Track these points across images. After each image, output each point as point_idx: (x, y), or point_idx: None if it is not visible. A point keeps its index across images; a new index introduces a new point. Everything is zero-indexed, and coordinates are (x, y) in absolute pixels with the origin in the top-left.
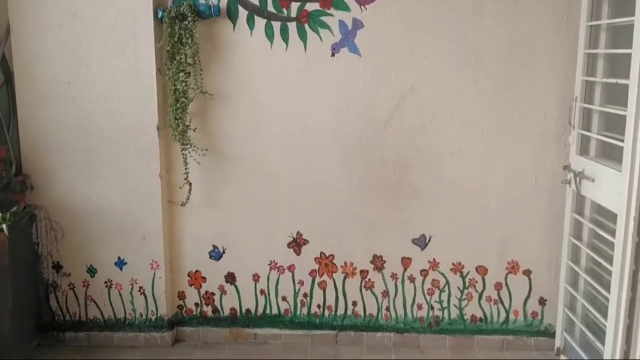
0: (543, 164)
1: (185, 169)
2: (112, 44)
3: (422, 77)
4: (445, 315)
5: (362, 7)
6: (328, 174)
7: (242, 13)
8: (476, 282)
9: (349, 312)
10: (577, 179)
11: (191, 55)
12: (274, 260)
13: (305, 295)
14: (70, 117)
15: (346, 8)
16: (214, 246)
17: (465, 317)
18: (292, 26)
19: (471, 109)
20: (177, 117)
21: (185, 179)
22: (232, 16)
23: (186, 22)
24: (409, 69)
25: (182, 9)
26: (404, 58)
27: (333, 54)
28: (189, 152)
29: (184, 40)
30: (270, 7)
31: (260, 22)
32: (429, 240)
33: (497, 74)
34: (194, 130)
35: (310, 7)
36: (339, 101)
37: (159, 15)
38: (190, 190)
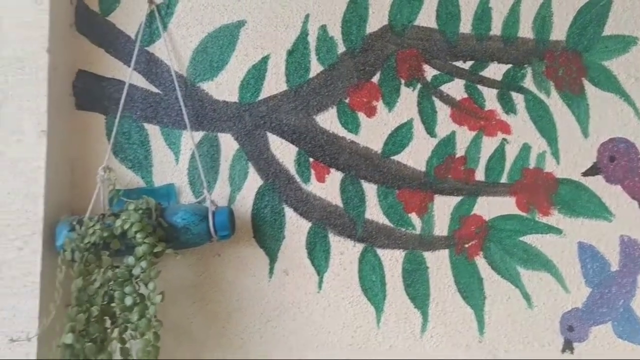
0: None
1: None
2: None
3: None
4: None
5: None
6: None
7: (296, 227)
8: None
9: None
10: None
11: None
12: None
13: None
14: None
15: (601, 211)
16: None
17: None
18: (438, 262)
19: None
20: None
21: None
22: (267, 242)
23: (136, 259)
24: None
25: (125, 218)
26: None
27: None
28: None
29: (124, 313)
30: (383, 217)
31: (345, 252)
32: None
33: None
34: None
35: (491, 207)
36: None
37: (58, 243)
38: None
